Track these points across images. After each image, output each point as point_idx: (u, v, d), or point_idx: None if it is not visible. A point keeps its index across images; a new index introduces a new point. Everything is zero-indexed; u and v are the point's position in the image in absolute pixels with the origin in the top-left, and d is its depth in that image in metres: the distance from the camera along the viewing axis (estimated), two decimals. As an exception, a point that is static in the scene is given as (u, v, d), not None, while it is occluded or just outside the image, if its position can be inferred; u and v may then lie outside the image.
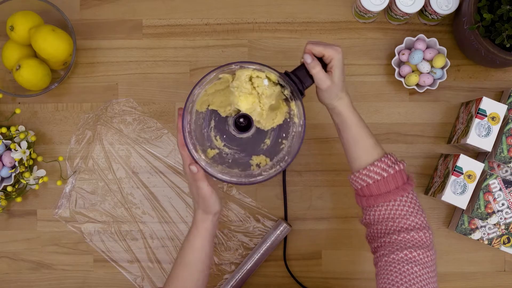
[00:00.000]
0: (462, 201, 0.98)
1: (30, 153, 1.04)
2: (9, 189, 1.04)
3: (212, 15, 1.09)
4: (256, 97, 0.82)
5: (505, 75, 1.09)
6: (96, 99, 1.09)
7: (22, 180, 1.04)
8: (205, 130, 0.86)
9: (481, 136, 0.98)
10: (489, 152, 1.02)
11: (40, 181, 1.05)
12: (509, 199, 0.99)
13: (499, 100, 1.07)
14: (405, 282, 0.77)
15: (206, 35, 1.09)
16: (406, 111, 1.09)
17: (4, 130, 1.04)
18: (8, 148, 1.03)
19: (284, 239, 1.07)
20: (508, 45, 0.94)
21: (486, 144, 0.99)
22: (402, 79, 1.05)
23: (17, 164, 1.02)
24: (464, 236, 1.06)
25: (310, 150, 1.08)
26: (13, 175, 1.04)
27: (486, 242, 1.03)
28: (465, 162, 0.98)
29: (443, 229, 1.08)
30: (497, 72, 1.09)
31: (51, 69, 1.06)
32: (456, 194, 0.98)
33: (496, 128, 0.99)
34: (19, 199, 1.06)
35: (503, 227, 1.02)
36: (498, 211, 0.99)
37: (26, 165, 1.03)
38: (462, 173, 0.98)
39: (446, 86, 1.08)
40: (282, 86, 0.83)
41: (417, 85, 1.05)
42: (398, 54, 1.05)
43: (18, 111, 1.05)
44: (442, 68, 1.05)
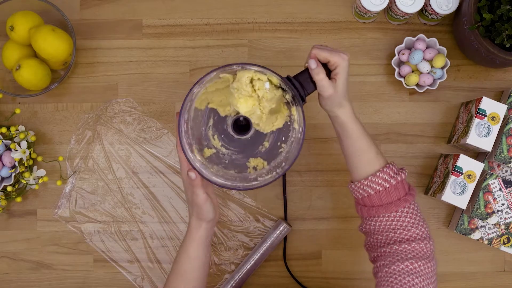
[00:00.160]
0: (462, 201, 0.98)
1: (30, 153, 1.04)
2: (9, 189, 1.04)
3: (212, 15, 1.09)
4: (256, 100, 0.80)
5: (505, 75, 1.09)
6: (96, 99, 1.09)
7: (22, 180, 1.04)
8: (203, 129, 0.85)
9: (481, 136, 0.98)
10: (489, 152, 1.02)
11: (40, 181, 1.05)
12: (509, 199, 0.99)
13: (499, 100, 1.07)
14: None
15: (206, 35, 1.09)
16: (406, 111, 1.09)
17: (4, 130, 1.04)
18: (8, 148, 1.03)
19: (284, 239, 1.07)
20: (508, 45, 0.94)
21: (486, 144, 0.99)
22: (402, 79, 1.05)
23: (17, 164, 1.02)
24: (464, 236, 1.06)
25: (310, 150, 1.08)
26: (13, 175, 1.04)
27: (486, 242, 1.03)
28: (465, 162, 0.98)
29: (443, 229, 1.08)
30: (497, 72, 1.09)
31: (51, 69, 1.06)
32: (456, 194, 0.98)
33: (496, 128, 0.99)
34: (19, 199, 1.06)
35: (503, 227, 1.02)
36: (498, 211, 0.99)
37: (26, 165, 1.03)
38: (462, 173, 0.98)
39: (446, 86, 1.08)
40: (284, 90, 0.82)
41: (417, 85, 1.05)
42: (398, 54, 1.05)
43: (18, 111, 1.05)
44: (442, 68, 1.05)
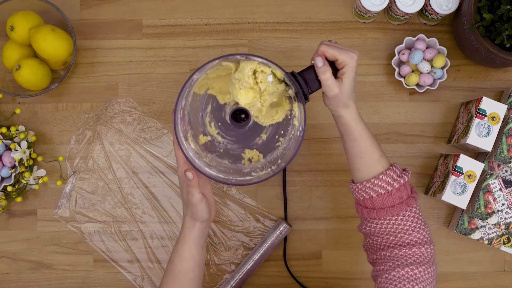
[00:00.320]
0: (462, 201, 0.98)
1: (30, 153, 1.04)
2: (9, 189, 1.04)
3: (212, 15, 1.09)
4: (258, 93, 0.78)
5: (505, 75, 1.09)
6: (96, 99, 1.09)
7: (22, 180, 1.04)
8: (200, 114, 0.82)
9: (481, 136, 0.98)
10: (489, 152, 1.02)
11: (40, 181, 1.05)
12: (509, 199, 0.99)
13: (499, 100, 1.07)
14: None
15: (206, 35, 1.09)
16: (406, 111, 1.09)
17: (4, 130, 1.04)
18: (8, 148, 1.03)
19: (284, 239, 1.07)
20: (508, 45, 0.94)
21: (486, 144, 0.99)
22: (402, 79, 1.05)
23: (17, 164, 1.02)
24: (464, 236, 1.06)
25: (310, 150, 1.08)
26: (13, 175, 1.04)
27: (486, 242, 1.03)
28: (465, 162, 0.98)
29: (443, 229, 1.08)
30: (497, 72, 1.09)
31: (51, 69, 1.06)
32: (456, 194, 0.98)
33: (496, 128, 0.99)
34: (19, 199, 1.06)
35: (503, 227, 1.02)
36: (498, 211, 0.99)
37: (26, 165, 1.03)
38: (462, 173, 0.98)
39: (446, 86, 1.08)
40: (287, 85, 0.79)
41: (417, 85, 1.05)
42: (398, 54, 1.05)
43: (18, 111, 1.05)
44: (442, 68, 1.05)
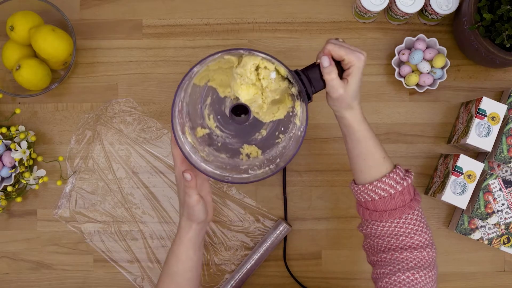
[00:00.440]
0: (462, 201, 0.98)
1: (30, 153, 1.04)
2: (9, 189, 1.04)
3: (212, 15, 1.09)
4: (259, 89, 0.76)
5: (505, 75, 1.09)
6: (96, 99, 1.09)
7: (22, 180, 1.04)
8: (199, 106, 0.80)
9: (481, 136, 0.98)
10: (489, 152, 1.02)
11: (40, 181, 1.05)
12: (509, 199, 0.99)
13: (499, 100, 1.07)
14: None
15: (206, 35, 1.09)
16: (406, 111, 1.09)
17: (4, 130, 1.04)
18: (8, 148, 1.03)
19: (284, 239, 1.07)
20: (508, 45, 0.94)
21: (486, 144, 0.99)
22: (402, 79, 1.05)
23: (17, 164, 1.02)
24: (464, 236, 1.06)
25: (310, 150, 1.08)
26: (13, 175, 1.04)
27: (486, 242, 1.03)
28: (465, 162, 0.98)
29: (443, 229, 1.08)
30: (497, 72, 1.09)
31: (51, 69, 1.06)
32: (456, 194, 0.98)
33: (496, 128, 0.99)
34: (19, 199, 1.06)
35: (503, 227, 1.02)
36: (498, 211, 0.99)
37: (26, 165, 1.03)
38: (462, 173, 0.98)
39: (446, 86, 1.08)
40: (290, 82, 0.77)
41: (417, 85, 1.05)
42: (398, 54, 1.05)
43: (18, 111, 1.05)
44: (442, 68, 1.05)
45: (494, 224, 1.02)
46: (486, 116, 0.98)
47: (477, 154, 1.07)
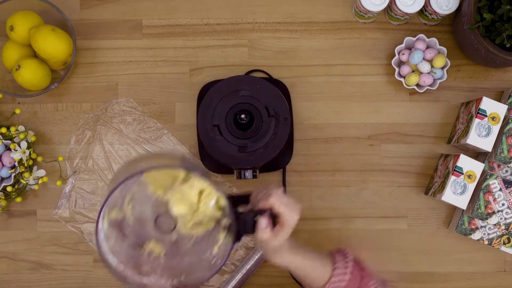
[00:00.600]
0: (462, 201, 0.98)
1: (30, 153, 1.04)
2: (9, 189, 1.04)
3: (212, 15, 1.09)
4: (194, 210, 0.75)
5: (505, 75, 1.09)
6: (96, 99, 1.09)
7: (22, 180, 1.04)
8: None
9: (481, 136, 0.98)
10: (489, 152, 1.02)
11: (40, 181, 1.05)
12: (509, 199, 0.99)
13: (499, 100, 1.07)
14: None
15: (206, 35, 1.09)
16: (406, 111, 1.09)
17: (4, 130, 1.04)
18: (8, 148, 1.03)
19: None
20: (508, 45, 0.94)
21: (486, 144, 0.98)
22: (402, 79, 1.05)
23: (17, 164, 1.02)
24: (464, 236, 1.06)
25: (310, 150, 1.08)
26: (13, 175, 1.04)
27: (486, 242, 1.03)
28: (465, 162, 0.98)
29: (443, 229, 1.08)
30: (497, 72, 1.09)
31: (51, 69, 1.06)
32: (456, 194, 0.98)
33: (496, 128, 0.99)
34: (19, 199, 1.06)
35: (503, 227, 1.02)
36: (498, 211, 0.99)
37: (26, 165, 1.03)
38: (462, 173, 0.98)
39: (446, 86, 1.08)
40: (224, 215, 0.75)
41: (417, 85, 1.05)
42: (398, 54, 1.05)
43: (18, 111, 1.05)
44: (442, 68, 1.05)
45: (494, 224, 1.02)
46: (486, 116, 0.98)
47: (477, 154, 1.07)
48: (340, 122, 1.08)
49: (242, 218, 0.75)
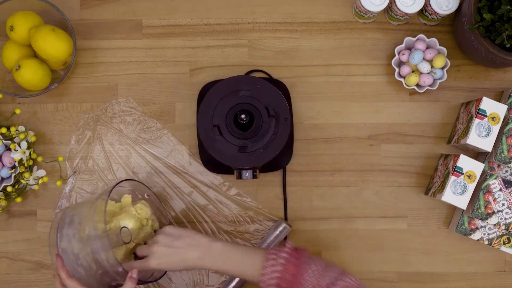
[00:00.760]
0: (462, 201, 0.98)
1: (30, 153, 1.04)
2: (9, 190, 1.04)
3: (212, 15, 1.09)
4: (140, 227, 0.97)
5: (505, 75, 1.09)
6: (96, 99, 1.09)
7: (22, 181, 1.04)
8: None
9: (481, 136, 0.98)
10: (489, 152, 1.02)
11: (40, 181, 1.05)
12: (509, 199, 0.99)
13: (499, 100, 1.07)
14: None
15: (206, 35, 1.09)
16: (406, 111, 1.09)
17: (4, 130, 1.04)
18: (8, 148, 1.03)
19: (284, 239, 1.07)
20: (508, 45, 0.94)
21: (486, 144, 0.99)
22: (402, 79, 1.05)
23: (17, 165, 1.02)
24: (464, 236, 1.06)
25: (310, 150, 1.08)
26: (13, 175, 1.04)
27: (486, 243, 1.03)
28: (465, 162, 0.98)
29: (443, 229, 1.08)
30: (497, 72, 1.09)
31: (51, 69, 1.06)
32: (456, 194, 0.98)
33: (496, 128, 0.99)
34: (19, 200, 1.06)
35: (503, 227, 1.02)
36: (498, 211, 0.99)
37: (26, 165, 1.03)
38: (462, 173, 0.98)
39: (446, 86, 1.08)
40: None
41: (417, 85, 1.05)
42: (398, 54, 1.05)
43: (18, 111, 1.05)
44: (442, 68, 1.05)
45: (494, 225, 1.02)
46: (486, 116, 0.98)
47: (477, 154, 1.07)
48: (340, 122, 1.08)
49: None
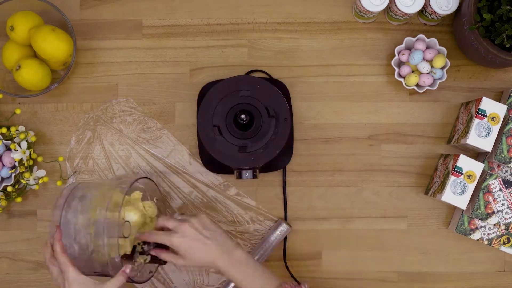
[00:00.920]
0: (462, 201, 0.98)
1: (30, 153, 1.04)
2: (9, 189, 1.04)
3: (212, 15, 1.09)
4: (143, 220, 0.97)
5: (505, 75, 1.09)
6: (96, 99, 1.09)
7: (22, 181, 1.04)
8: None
9: (481, 136, 0.98)
10: (489, 152, 1.02)
11: (40, 181, 1.05)
12: (509, 199, 0.99)
13: (499, 100, 1.07)
14: None
15: (206, 35, 1.09)
16: (406, 111, 1.09)
17: (4, 130, 1.04)
18: (8, 149, 1.03)
19: (284, 239, 1.07)
20: (508, 45, 0.94)
21: (486, 144, 0.99)
22: (402, 79, 1.05)
23: (17, 165, 1.02)
24: (464, 236, 1.06)
25: (310, 150, 1.08)
26: (13, 175, 1.04)
27: (486, 242, 1.04)
28: (465, 162, 0.98)
29: (443, 229, 1.08)
30: (497, 72, 1.09)
31: (51, 69, 1.06)
32: (456, 194, 0.98)
33: (496, 128, 0.99)
34: (19, 199, 1.06)
35: (503, 227, 1.02)
36: (498, 211, 0.99)
37: (26, 165, 1.03)
38: (462, 173, 0.98)
39: (446, 86, 1.08)
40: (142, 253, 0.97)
41: (417, 85, 1.05)
42: (398, 54, 1.05)
43: (18, 111, 1.05)
44: (442, 68, 1.05)
45: (494, 225, 1.02)
46: (486, 116, 0.98)
47: (477, 154, 1.07)
48: (340, 122, 1.08)
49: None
